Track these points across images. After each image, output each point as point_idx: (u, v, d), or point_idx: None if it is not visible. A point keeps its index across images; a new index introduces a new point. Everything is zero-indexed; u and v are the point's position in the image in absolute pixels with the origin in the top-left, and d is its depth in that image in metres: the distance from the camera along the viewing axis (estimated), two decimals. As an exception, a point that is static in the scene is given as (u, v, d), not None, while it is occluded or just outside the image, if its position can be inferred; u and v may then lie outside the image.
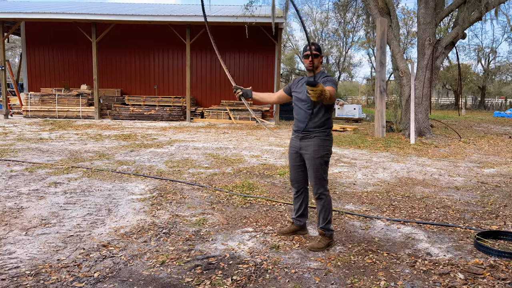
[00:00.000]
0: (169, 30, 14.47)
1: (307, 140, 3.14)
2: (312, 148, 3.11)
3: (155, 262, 2.86)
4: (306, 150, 3.14)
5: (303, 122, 3.14)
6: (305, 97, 3.12)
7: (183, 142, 8.93)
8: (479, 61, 33.91)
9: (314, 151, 3.10)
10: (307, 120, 3.09)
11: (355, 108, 17.36)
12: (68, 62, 16.97)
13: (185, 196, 4.57)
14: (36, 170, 5.73)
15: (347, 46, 35.45)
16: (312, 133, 3.12)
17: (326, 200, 3.16)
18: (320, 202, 3.16)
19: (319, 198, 3.15)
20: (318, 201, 3.17)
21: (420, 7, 10.64)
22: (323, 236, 3.17)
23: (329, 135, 3.17)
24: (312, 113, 3.08)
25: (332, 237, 3.20)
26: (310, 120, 3.09)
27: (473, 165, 7.05)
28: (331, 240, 3.20)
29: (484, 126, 15.23)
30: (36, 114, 14.28)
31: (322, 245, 3.14)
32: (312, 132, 3.12)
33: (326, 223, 3.16)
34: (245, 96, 3.48)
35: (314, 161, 3.10)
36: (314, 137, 3.12)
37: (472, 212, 4.23)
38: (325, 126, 3.13)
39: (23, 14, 13.64)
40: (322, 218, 3.17)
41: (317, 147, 3.10)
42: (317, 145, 3.10)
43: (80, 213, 3.88)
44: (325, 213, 3.16)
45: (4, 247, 3.06)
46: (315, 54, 3.08)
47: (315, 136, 3.11)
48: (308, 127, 3.11)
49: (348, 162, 6.99)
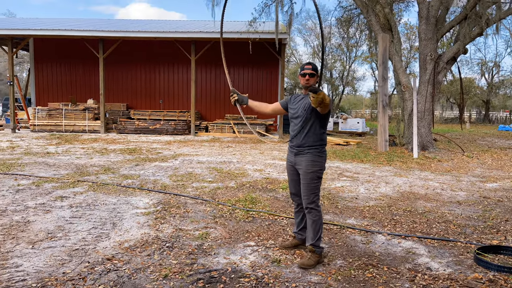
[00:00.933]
0: (175, 46, 14.73)
1: (301, 156, 3.23)
2: (305, 163, 3.20)
3: (158, 275, 2.91)
4: (300, 165, 3.24)
5: (297, 138, 3.24)
6: (300, 113, 3.23)
7: (187, 156, 9.03)
8: (482, 75, 34.01)
9: (306, 166, 3.18)
10: (301, 137, 3.20)
11: (358, 122, 17.43)
12: (75, 77, 17.26)
13: (189, 210, 4.64)
14: (42, 184, 5.83)
15: (351, 60, 35.74)
16: (305, 149, 3.20)
17: (317, 215, 3.19)
18: (310, 215, 3.20)
19: (309, 212, 3.20)
20: (308, 214, 3.22)
21: (421, 23, 10.80)
22: (313, 253, 3.17)
23: (322, 152, 3.24)
24: (306, 130, 3.18)
25: (321, 254, 3.22)
26: (303, 137, 3.19)
27: (476, 179, 7.06)
28: (321, 258, 3.21)
29: (488, 140, 15.21)
30: (43, 128, 14.48)
31: (312, 262, 3.13)
32: (305, 148, 3.20)
33: (317, 240, 3.18)
34: (240, 102, 3.56)
35: (306, 176, 3.19)
36: (307, 153, 3.20)
37: (473, 226, 4.25)
38: (318, 143, 3.21)
39: (32, 30, 13.97)
40: (313, 234, 3.19)
41: (309, 162, 3.18)
42: (309, 161, 3.18)
43: (86, 226, 3.95)
44: (315, 229, 3.19)
45: (11, 260, 3.13)
46: (312, 73, 3.19)
47: (307, 152, 3.20)
48: (302, 143, 3.21)
49: (350, 176, 7.03)
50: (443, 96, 31.49)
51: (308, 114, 3.17)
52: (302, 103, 3.25)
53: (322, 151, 3.24)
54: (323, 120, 3.22)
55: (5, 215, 4.26)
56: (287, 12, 12.36)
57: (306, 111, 3.19)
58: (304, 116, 3.19)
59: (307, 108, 3.18)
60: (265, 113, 3.67)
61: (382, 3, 11.42)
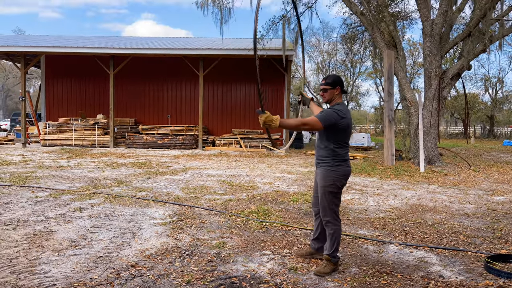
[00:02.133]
0: (183, 62, 15.06)
1: (317, 169, 3.39)
2: (319, 176, 3.34)
3: (181, 281, 3.04)
4: (317, 177, 3.40)
5: (316, 150, 3.44)
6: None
7: (197, 170, 9.19)
8: (486, 91, 34.20)
9: (320, 180, 3.32)
10: (317, 149, 3.39)
11: (364, 137, 17.58)
12: (84, 93, 17.61)
13: (204, 221, 4.77)
14: (60, 196, 5.99)
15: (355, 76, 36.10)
16: (320, 162, 3.35)
17: (333, 228, 3.29)
18: (327, 228, 3.33)
19: (326, 225, 3.33)
20: (327, 228, 3.34)
21: (425, 40, 11.04)
22: (329, 262, 3.28)
23: (334, 166, 3.23)
24: (319, 143, 3.35)
25: (337, 264, 3.33)
26: (318, 150, 3.36)
27: (483, 192, 7.15)
28: (336, 267, 3.32)
29: (494, 155, 15.28)
30: (53, 142, 14.74)
31: (327, 270, 3.24)
32: (320, 161, 3.35)
33: (333, 251, 3.29)
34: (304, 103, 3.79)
35: (320, 190, 3.32)
36: (321, 166, 3.34)
37: (483, 237, 4.35)
38: (330, 157, 3.24)
39: (45, 47, 14.38)
40: (329, 245, 3.30)
41: (322, 176, 3.30)
42: (322, 175, 3.30)
43: (107, 236, 4.10)
44: (331, 241, 3.30)
45: (39, 267, 3.27)
46: (324, 88, 3.31)
47: (321, 165, 3.33)
48: (317, 155, 3.38)
49: (359, 189, 7.15)
50: (447, 111, 31.63)
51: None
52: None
53: (334, 165, 3.23)
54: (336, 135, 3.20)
55: (27, 225, 4.42)
56: (294, 30, 12.68)
57: None
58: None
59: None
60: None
61: (387, 21, 11.71)
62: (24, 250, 3.62)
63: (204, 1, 12.51)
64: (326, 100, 3.31)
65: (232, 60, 15.95)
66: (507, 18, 11.25)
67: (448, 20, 11.02)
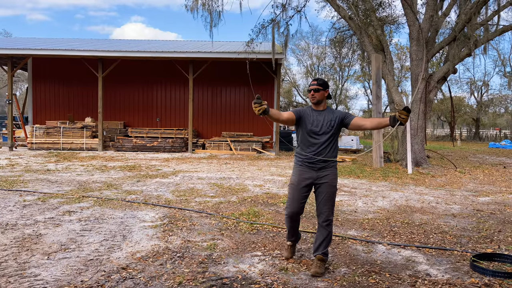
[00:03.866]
0: (172, 65, 15.05)
1: (326, 170, 3.36)
2: (331, 177, 3.36)
3: (173, 282, 3.05)
4: (325, 179, 3.35)
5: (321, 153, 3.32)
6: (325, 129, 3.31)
7: (187, 173, 9.18)
8: (472, 94, 34.83)
9: (332, 180, 3.37)
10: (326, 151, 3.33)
11: (352, 140, 17.75)
12: (73, 96, 17.44)
13: (194, 223, 4.78)
14: (48, 199, 5.94)
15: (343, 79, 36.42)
16: (331, 163, 3.37)
17: (331, 226, 3.41)
18: (328, 228, 3.37)
19: (328, 225, 3.36)
20: (327, 227, 3.36)
21: (412, 44, 11.24)
22: (322, 261, 3.33)
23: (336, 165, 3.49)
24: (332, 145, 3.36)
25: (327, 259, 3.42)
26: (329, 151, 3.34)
27: (469, 193, 7.30)
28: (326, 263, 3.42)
29: (479, 157, 15.57)
30: (41, 146, 14.56)
31: (323, 270, 3.31)
32: (331, 162, 3.36)
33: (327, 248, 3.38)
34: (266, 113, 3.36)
35: (331, 189, 3.36)
36: (332, 167, 3.38)
37: (468, 237, 4.45)
38: (335, 157, 3.42)
39: (33, 50, 14.23)
40: (326, 244, 3.36)
41: (334, 176, 3.39)
42: (334, 175, 3.39)
43: (97, 239, 4.08)
44: (328, 239, 3.37)
45: (29, 270, 3.25)
46: (317, 88, 3.34)
47: (333, 166, 3.39)
48: (328, 157, 3.34)
49: (348, 191, 7.23)
50: (434, 114, 32.13)
51: (335, 130, 3.33)
52: (325, 119, 3.33)
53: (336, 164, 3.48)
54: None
55: (16, 229, 4.38)
56: (283, 33, 12.78)
57: (333, 127, 3.32)
58: (331, 132, 3.33)
59: (335, 124, 3.32)
60: (279, 120, 3.39)
61: (375, 25, 11.88)
62: (14, 254, 3.59)
63: (193, 5, 12.54)
64: (315, 100, 3.35)
65: (222, 63, 16.02)
66: (491, 23, 11.52)
67: (434, 25, 11.23)
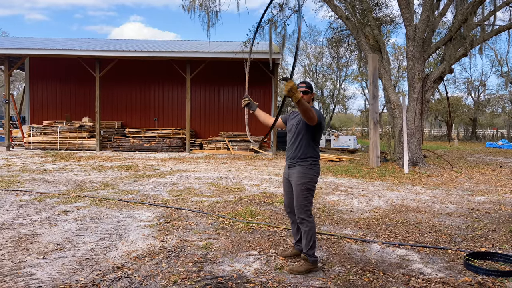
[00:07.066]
0: (170, 65, 15.04)
1: (293, 168, 3.42)
2: (296, 175, 3.38)
3: (168, 281, 3.07)
4: (292, 177, 3.42)
5: (290, 151, 3.45)
6: (293, 127, 3.44)
7: (184, 172, 9.19)
8: (469, 94, 34.95)
9: (297, 178, 3.36)
10: (293, 149, 3.40)
11: (350, 139, 17.79)
12: (70, 95, 17.42)
13: (191, 222, 4.80)
14: (44, 199, 5.94)
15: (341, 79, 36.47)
16: (297, 161, 3.39)
17: (308, 226, 3.33)
18: (302, 226, 3.37)
19: (301, 223, 3.37)
20: (300, 225, 3.38)
21: (408, 44, 11.27)
22: (305, 261, 3.33)
23: (313, 165, 3.37)
24: (297, 143, 3.38)
25: (315, 263, 3.34)
26: (295, 149, 3.39)
27: (465, 193, 7.34)
28: (314, 267, 3.33)
29: (476, 157, 15.64)
30: (38, 146, 14.53)
31: (302, 269, 3.29)
32: (297, 160, 3.39)
33: (309, 249, 3.32)
34: (249, 107, 3.68)
35: (296, 187, 3.36)
36: (298, 165, 3.38)
37: (463, 236, 4.48)
38: (309, 155, 3.36)
39: (30, 50, 14.19)
40: (305, 243, 3.35)
41: (300, 174, 3.35)
42: (300, 173, 3.36)
43: (93, 238, 4.09)
44: (307, 238, 3.34)
45: (25, 269, 3.26)
46: (306, 91, 3.40)
47: (298, 164, 3.38)
48: (294, 155, 3.40)
49: (344, 190, 7.26)
50: (431, 114, 32.22)
51: (300, 128, 3.37)
52: (297, 118, 3.45)
53: (313, 164, 3.38)
54: (314, 134, 3.36)
55: (12, 229, 4.38)
56: (280, 33, 12.80)
57: (298, 125, 3.40)
58: (297, 129, 3.39)
59: (299, 122, 3.39)
60: (268, 124, 3.64)
61: (372, 25, 11.91)
62: (9, 253, 3.60)
63: (191, 5, 12.54)
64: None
65: (219, 63, 16.03)
66: (487, 23, 11.57)
67: (430, 25, 11.27)
